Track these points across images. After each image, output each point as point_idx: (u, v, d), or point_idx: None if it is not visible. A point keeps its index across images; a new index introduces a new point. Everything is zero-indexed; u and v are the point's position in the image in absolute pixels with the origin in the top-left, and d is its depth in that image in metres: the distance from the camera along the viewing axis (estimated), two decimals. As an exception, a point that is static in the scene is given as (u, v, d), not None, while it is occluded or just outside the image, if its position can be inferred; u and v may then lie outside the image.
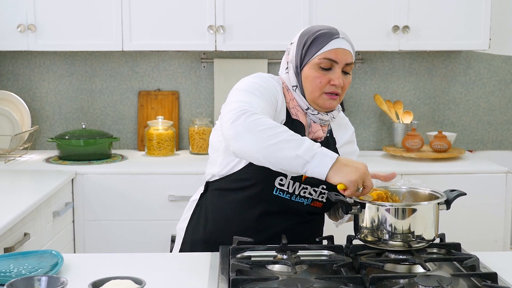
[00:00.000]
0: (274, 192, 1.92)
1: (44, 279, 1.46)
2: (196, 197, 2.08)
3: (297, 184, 1.93)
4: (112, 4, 3.43)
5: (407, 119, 3.75)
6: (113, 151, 3.70)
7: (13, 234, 2.38)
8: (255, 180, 1.88)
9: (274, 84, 1.94)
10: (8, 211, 2.37)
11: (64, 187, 3.08)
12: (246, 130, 1.69)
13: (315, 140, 1.96)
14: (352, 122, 3.88)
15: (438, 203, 1.73)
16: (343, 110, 3.72)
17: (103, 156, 3.50)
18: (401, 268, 1.66)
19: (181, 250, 2.05)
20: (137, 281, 1.46)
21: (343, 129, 2.10)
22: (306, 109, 1.94)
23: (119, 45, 3.46)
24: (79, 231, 3.26)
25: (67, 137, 3.49)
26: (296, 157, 1.65)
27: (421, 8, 3.48)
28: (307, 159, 1.64)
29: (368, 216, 1.71)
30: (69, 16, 3.44)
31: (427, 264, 1.64)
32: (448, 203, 1.75)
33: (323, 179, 1.66)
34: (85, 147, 3.47)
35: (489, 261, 1.73)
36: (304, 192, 1.94)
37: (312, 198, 1.96)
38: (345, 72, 1.93)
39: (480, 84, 3.91)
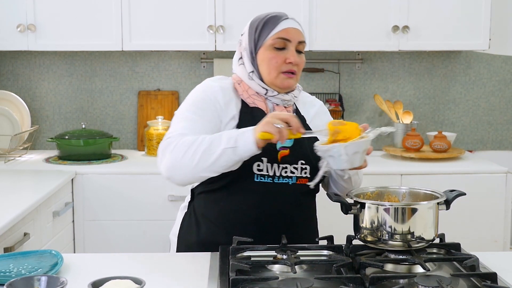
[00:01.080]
0: (255, 179, 1.91)
1: (44, 279, 1.46)
2: (185, 204, 2.10)
3: (275, 165, 1.92)
4: (112, 4, 3.43)
5: (407, 119, 3.75)
6: (113, 151, 3.70)
7: (13, 234, 2.38)
8: (232, 173, 1.87)
9: (213, 91, 1.95)
10: (8, 211, 2.37)
11: (64, 187, 3.08)
12: (172, 165, 1.80)
13: None
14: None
15: (438, 203, 1.74)
16: (343, 110, 3.74)
17: (103, 156, 3.50)
18: (401, 268, 1.66)
19: None
20: (137, 281, 1.46)
21: (309, 105, 2.11)
22: (265, 93, 1.97)
23: (119, 45, 3.46)
24: (79, 231, 3.26)
25: (67, 137, 3.49)
26: (224, 151, 1.75)
27: (421, 8, 3.48)
28: (232, 145, 1.74)
29: (367, 216, 1.71)
30: (69, 16, 3.44)
31: (426, 264, 1.64)
32: (447, 203, 1.75)
33: (256, 149, 1.73)
34: (85, 147, 3.47)
35: (489, 261, 1.73)
36: (286, 172, 1.94)
37: (296, 176, 1.95)
38: (298, 51, 1.97)
39: (480, 84, 3.91)
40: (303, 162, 1.95)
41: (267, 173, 1.92)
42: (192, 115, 1.90)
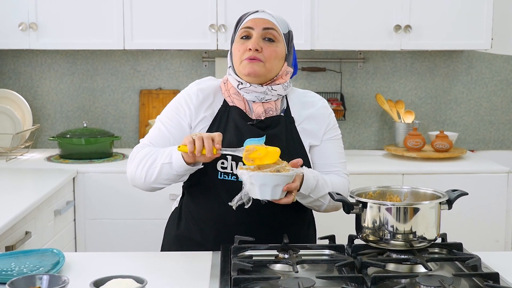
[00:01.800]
0: (218, 177, 1.91)
1: (45, 277, 1.46)
2: (177, 199, 2.12)
3: (240, 163, 1.87)
4: (114, 3, 3.43)
5: (409, 118, 3.75)
6: (114, 150, 3.69)
7: (14, 233, 2.38)
8: (201, 170, 1.88)
9: (188, 95, 1.98)
10: (9, 210, 2.37)
11: (65, 186, 3.08)
12: (130, 177, 1.96)
13: (257, 119, 1.96)
14: (354, 122, 3.89)
15: (440, 203, 1.73)
16: (345, 109, 3.74)
17: (104, 154, 3.50)
18: (403, 268, 1.65)
19: (161, 250, 2.11)
20: (139, 280, 1.46)
21: (307, 105, 2.04)
22: (238, 86, 1.96)
23: (120, 44, 3.46)
24: (80, 230, 3.26)
25: (68, 135, 3.49)
26: (162, 166, 1.85)
27: (423, 8, 3.48)
28: (168, 161, 1.84)
29: (369, 215, 1.71)
30: (70, 15, 3.44)
31: (428, 264, 1.63)
32: (449, 202, 1.75)
33: (185, 164, 1.79)
34: (87, 145, 3.47)
35: (490, 261, 1.73)
36: None
37: None
38: (269, 39, 1.95)
39: (481, 84, 3.91)
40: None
41: (231, 171, 1.91)
42: (161, 125, 2.00)
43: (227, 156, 1.88)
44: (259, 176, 1.69)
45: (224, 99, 1.99)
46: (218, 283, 1.57)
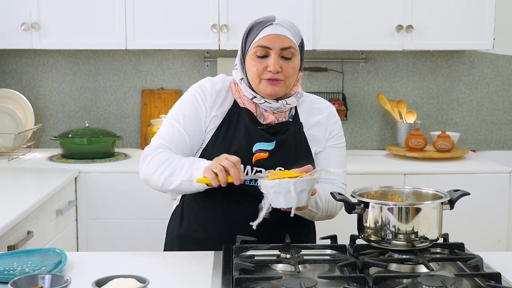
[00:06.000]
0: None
1: (47, 277, 1.46)
2: (178, 197, 2.12)
3: (248, 168, 1.89)
4: (116, 3, 3.43)
5: (411, 118, 3.75)
6: (116, 150, 3.70)
7: (16, 232, 2.39)
8: None
9: (202, 92, 1.96)
10: (11, 209, 2.37)
11: (67, 186, 3.08)
12: (145, 178, 1.96)
13: (268, 125, 1.95)
14: (355, 122, 3.89)
15: (442, 203, 1.73)
16: (346, 109, 3.74)
17: (106, 154, 3.51)
18: (405, 268, 1.65)
19: (164, 249, 2.11)
20: (141, 280, 1.46)
21: (315, 111, 2.03)
22: (252, 98, 1.94)
23: (122, 43, 3.46)
24: (82, 230, 3.26)
25: (70, 135, 3.49)
26: (181, 182, 1.84)
27: (425, 8, 3.48)
28: (188, 178, 1.83)
29: (371, 215, 1.71)
30: (72, 15, 3.44)
31: (430, 264, 1.63)
32: (451, 203, 1.75)
33: (206, 186, 1.80)
34: (89, 145, 3.47)
35: (492, 261, 1.73)
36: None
37: None
38: (285, 58, 1.91)
39: (483, 84, 3.90)
40: (282, 169, 1.89)
41: None
42: (175, 122, 1.96)
43: None
44: (303, 182, 1.67)
45: (235, 100, 1.98)
46: (220, 283, 1.57)
